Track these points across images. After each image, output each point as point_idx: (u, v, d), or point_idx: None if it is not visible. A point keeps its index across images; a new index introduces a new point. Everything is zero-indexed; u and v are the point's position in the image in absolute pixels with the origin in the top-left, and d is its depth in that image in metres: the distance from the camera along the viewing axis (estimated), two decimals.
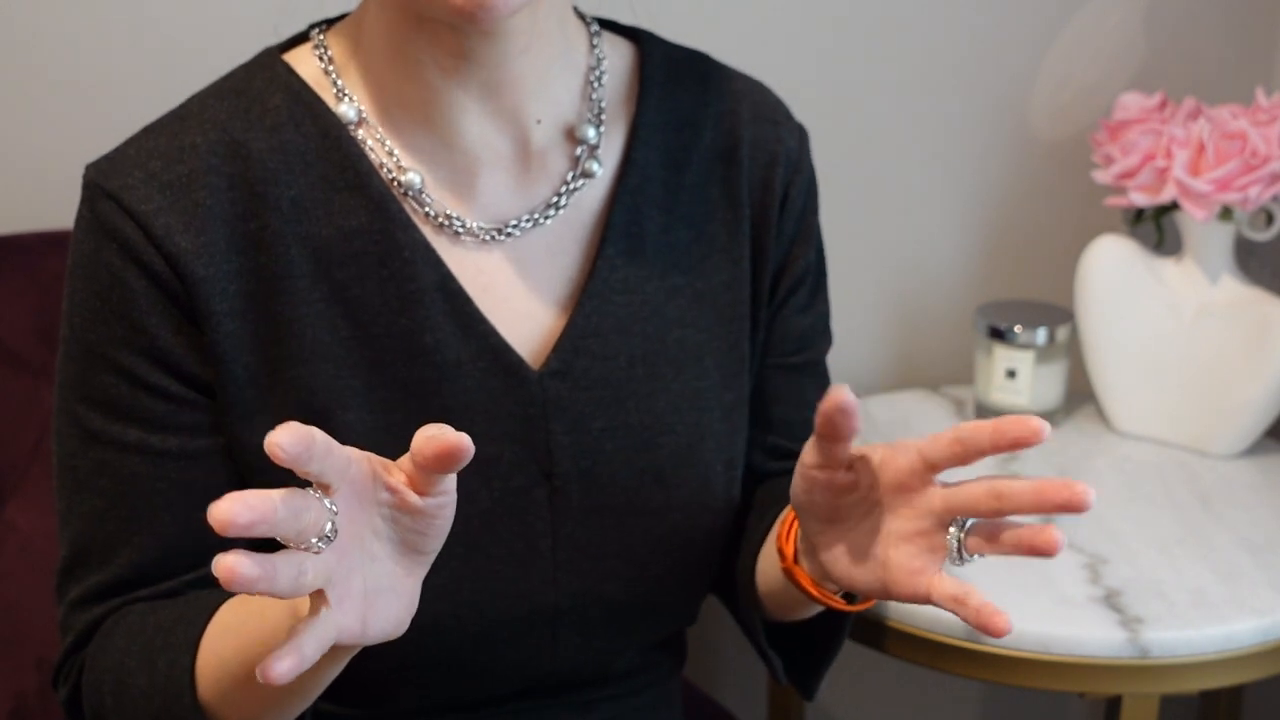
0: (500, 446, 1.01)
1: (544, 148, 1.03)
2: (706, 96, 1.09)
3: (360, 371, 0.99)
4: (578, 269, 1.04)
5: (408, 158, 1.00)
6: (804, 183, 1.11)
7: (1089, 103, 1.68)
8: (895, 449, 0.87)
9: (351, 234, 0.99)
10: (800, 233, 1.11)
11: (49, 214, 1.45)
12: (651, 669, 1.15)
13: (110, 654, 0.96)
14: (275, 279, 0.97)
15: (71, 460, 0.99)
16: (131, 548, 0.98)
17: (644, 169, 1.05)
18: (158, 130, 0.99)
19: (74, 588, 1.00)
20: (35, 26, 1.47)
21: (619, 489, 1.03)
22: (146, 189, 0.96)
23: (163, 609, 0.96)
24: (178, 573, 0.99)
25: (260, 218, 0.97)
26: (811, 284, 1.14)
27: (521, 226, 1.02)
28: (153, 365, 0.97)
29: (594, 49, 1.06)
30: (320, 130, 0.99)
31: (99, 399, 0.97)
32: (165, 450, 0.97)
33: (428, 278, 0.99)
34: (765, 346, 1.12)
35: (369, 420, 0.99)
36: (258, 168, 0.97)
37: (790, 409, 1.14)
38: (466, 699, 1.07)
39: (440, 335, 0.99)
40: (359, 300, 0.99)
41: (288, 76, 1.00)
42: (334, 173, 0.99)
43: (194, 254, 0.95)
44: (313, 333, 0.98)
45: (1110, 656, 1.25)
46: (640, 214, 1.05)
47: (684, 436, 1.05)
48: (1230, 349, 1.51)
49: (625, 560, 1.04)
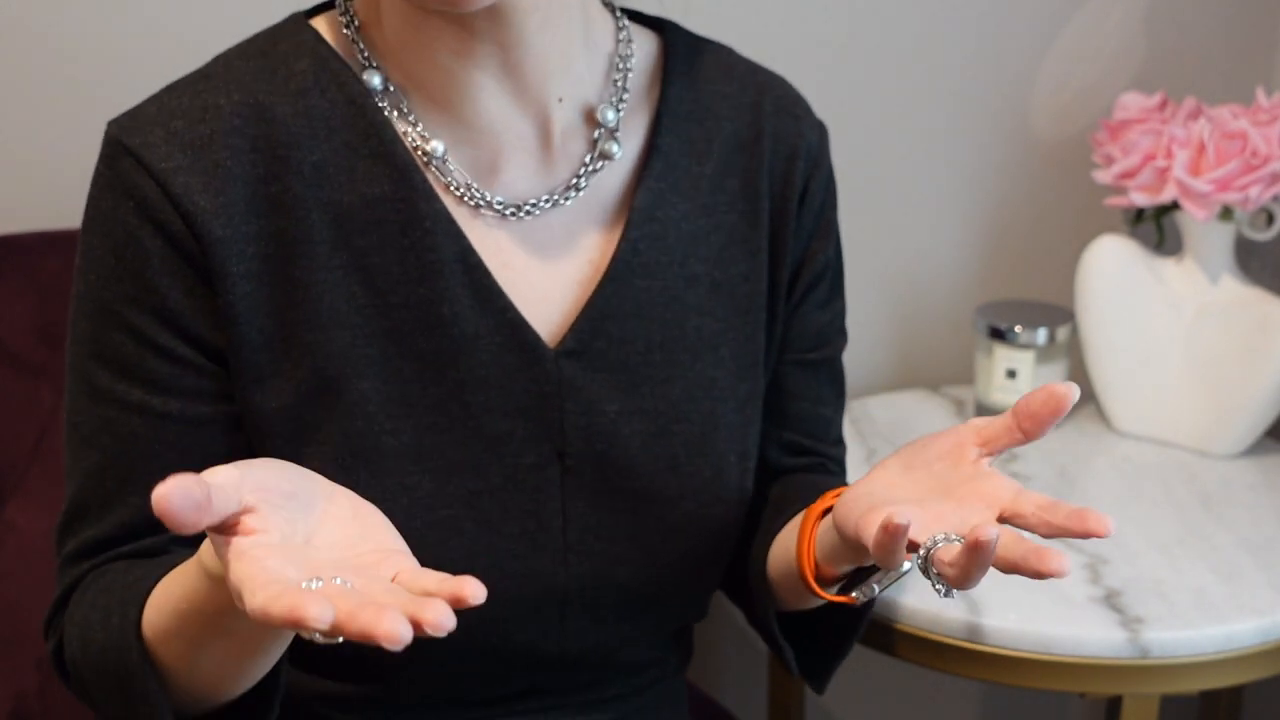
0: (513, 423, 1.01)
1: (565, 129, 1.03)
2: (729, 88, 1.09)
3: (376, 340, 0.99)
4: (597, 251, 1.04)
5: (431, 130, 1.00)
6: (823, 178, 1.12)
7: (1089, 103, 1.68)
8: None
9: (373, 201, 0.99)
10: (819, 228, 1.12)
11: (49, 214, 1.45)
12: (658, 665, 1.15)
13: (81, 608, 0.97)
14: (294, 243, 0.97)
15: (78, 416, 1.00)
16: (126, 507, 0.98)
17: (668, 156, 1.06)
18: (181, 89, 0.99)
19: (69, 541, 1.01)
20: (35, 27, 1.47)
21: (631, 473, 1.04)
22: (168, 147, 0.96)
23: (135, 567, 0.96)
24: (166, 533, 0.99)
25: (282, 181, 0.97)
26: (831, 280, 1.14)
27: (541, 206, 1.02)
28: (161, 325, 0.97)
29: (620, 35, 1.07)
30: (346, 97, 0.99)
31: (108, 357, 0.98)
32: (165, 413, 0.98)
33: (448, 249, 0.99)
34: (783, 342, 1.12)
35: (383, 390, 0.99)
36: (281, 131, 0.97)
37: (807, 405, 1.14)
38: (472, 693, 1.07)
39: (458, 307, 0.99)
40: (378, 268, 0.99)
41: (315, 43, 1.00)
42: (358, 140, 0.99)
43: (212, 214, 0.95)
44: (330, 299, 0.98)
45: (1110, 656, 1.25)
46: (664, 200, 1.05)
47: (698, 425, 1.05)
48: (1230, 349, 1.51)
49: (636, 546, 1.05)
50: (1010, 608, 1.28)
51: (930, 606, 1.29)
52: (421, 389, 0.99)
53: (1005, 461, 1.53)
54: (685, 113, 1.07)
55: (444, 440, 1.00)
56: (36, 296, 1.36)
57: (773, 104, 1.10)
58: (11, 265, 1.38)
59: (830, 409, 1.16)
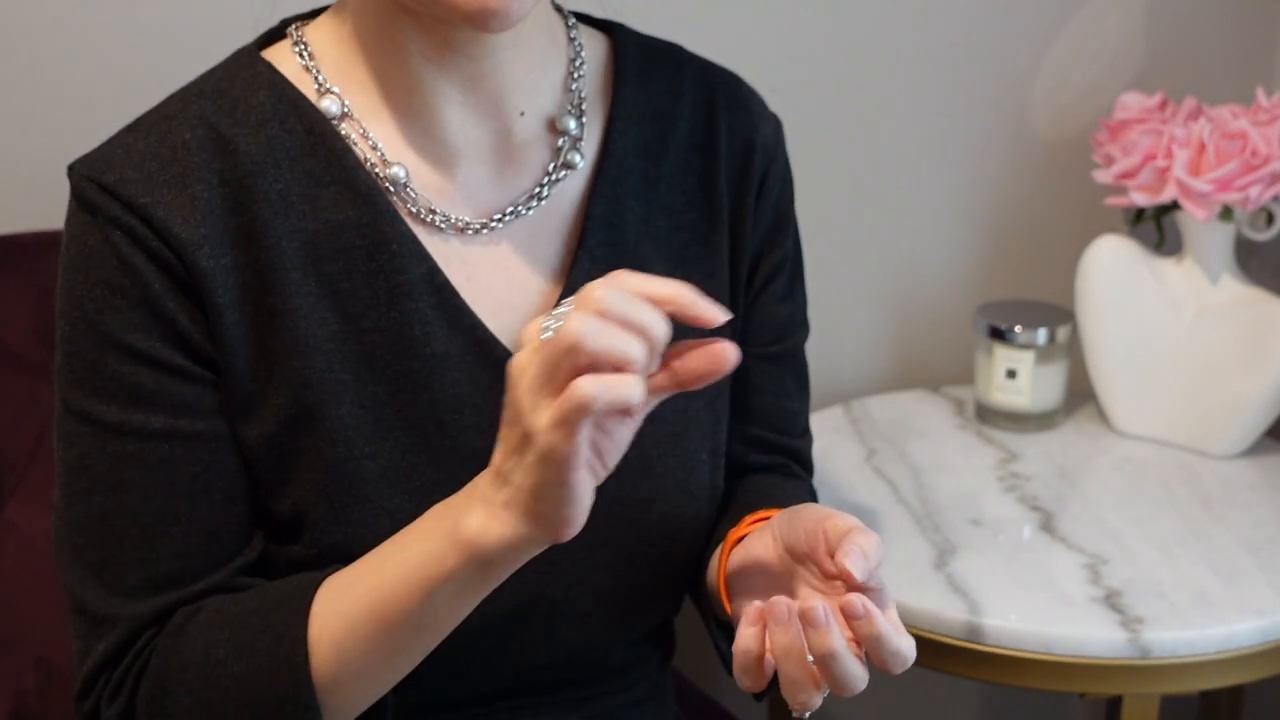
0: (489, 439, 1.00)
1: (525, 139, 1.03)
2: (681, 87, 1.09)
3: (350, 365, 0.99)
4: (559, 261, 1.04)
5: (391, 150, 1.00)
6: (780, 171, 1.12)
7: (1089, 103, 1.68)
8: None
9: (339, 228, 0.99)
10: (777, 222, 1.12)
11: (48, 214, 1.45)
12: (642, 663, 1.15)
13: (187, 651, 0.94)
14: (268, 271, 0.97)
15: (85, 461, 0.97)
16: (171, 539, 0.96)
17: (621, 161, 1.06)
18: (143, 130, 0.98)
19: (105, 594, 0.97)
20: (33, 27, 1.47)
21: (605, 479, 1.04)
22: (144, 184, 0.95)
23: (246, 598, 0.95)
24: (222, 561, 0.98)
25: (251, 210, 0.97)
26: (789, 273, 1.14)
27: (505, 219, 1.03)
28: (174, 349, 0.96)
29: (572, 40, 1.07)
30: (305, 126, 0.99)
31: (115, 390, 0.96)
32: (195, 433, 0.96)
33: (415, 270, 0.99)
34: (744, 336, 1.12)
35: (359, 415, 0.99)
36: (246, 162, 0.97)
37: (771, 398, 1.14)
38: (460, 696, 1.07)
39: (429, 328, 0.99)
40: (348, 294, 0.99)
41: (269, 74, 1.00)
42: (319, 167, 0.99)
43: (195, 245, 0.95)
44: (305, 326, 0.98)
45: (1110, 656, 1.25)
46: (620, 205, 1.05)
47: (669, 425, 1.05)
48: (1230, 349, 1.51)
49: (613, 550, 1.05)
50: (1010, 608, 1.28)
51: (930, 606, 1.29)
52: (397, 411, 0.99)
53: (1005, 462, 1.53)
54: (638, 115, 1.07)
55: (422, 461, 1.00)
56: (36, 296, 1.36)
57: (726, 100, 1.10)
58: (11, 265, 1.38)
59: (795, 401, 1.16)
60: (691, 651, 1.64)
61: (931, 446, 1.57)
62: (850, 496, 1.47)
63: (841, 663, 0.85)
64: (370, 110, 1.00)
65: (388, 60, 0.99)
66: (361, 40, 1.00)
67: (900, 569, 1.34)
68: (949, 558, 1.36)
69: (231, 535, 0.98)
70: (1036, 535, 1.40)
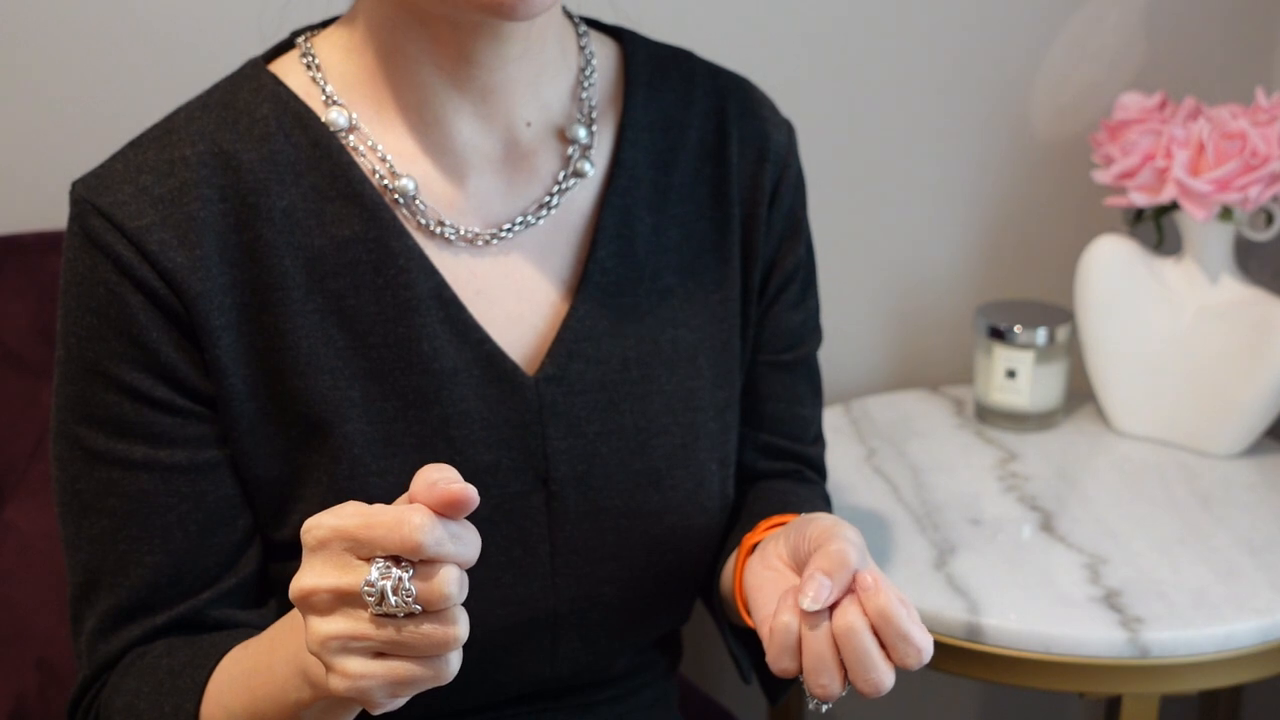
0: (498, 454, 1.01)
1: (533, 148, 1.02)
2: (692, 95, 1.08)
3: (358, 382, 0.98)
4: (570, 271, 1.04)
5: (400, 162, 1.00)
6: (793, 178, 1.11)
7: (1089, 103, 1.68)
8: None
9: (345, 243, 0.98)
10: (790, 229, 1.11)
11: (48, 214, 1.45)
12: (648, 669, 1.15)
13: (123, 695, 0.96)
14: (269, 290, 0.97)
15: (75, 484, 0.98)
16: (144, 567, 0.97)
17: (632, 170, 1.05)
18: (145, 144, 0.98)
19: (89, 616, 0.99)
20: (35, 27, 1.47)
21: (615, 492, 1.03)
22: (138, 204, 0.95)
23: (178, 650, 0.96)
24: (193, 590, 0.98)
25: (252, 228, 0.96)
26: (803, 280, 1.13)
27: (515, 229, 1.02)
28: (156, 380, 0.96)
29: (582, 48, 1.06)
30: (310, 140, 0.98)
31: (101, 418, 0.96)
32: (173, 464, 0.97)
33: (423, 285, 0.98)
34: (757, 344, 1.12)
35: (368, 432, 0.98)
36: (249, 178, 0.97)
37: (784, 406, 1.14)
38: (464, 705, 1.07)
39: (437, 343, 0.99)
40: (355, 310, 0.98)
41: (275, 86, 0.99)
42: (325, 182, 0.98)
43: (189, 269, 0.95)
44: (308, 344, 0.97)
45: (1110, 656, 1.25)
46: (630, 215, 1.04)
47: (678, 437, 1.05)
48: (1230, 349, 1.51)
49: (622, 563, 1.04)
50: (1010, 608, 1.28)
51: (930, 606, 1.29)
52: (405, 427, 0.99)
53: (1004, 462, 1.53)
54: (648, 123, 1.06)
55: None
56: (36, 296, 1.36)
57: (737, 107, 1.09)
58: (11, 265, 1.38)
59: (808, 408, 1.16)
60: (692, 652, 1.64)
61: (931, 446, 1.58)
62: (850, 496, 1.47)
63: (860, 638, 0.83)
64: (379, 122, 1.00)
65: (399, 71, 0.98)
66: (372, 51, 0.99)
67: (900, 569, 1.34)
68: (948, 558, 1.36)
69: (208, 566, 0.98)
70: (1036, 535, 1.40)
